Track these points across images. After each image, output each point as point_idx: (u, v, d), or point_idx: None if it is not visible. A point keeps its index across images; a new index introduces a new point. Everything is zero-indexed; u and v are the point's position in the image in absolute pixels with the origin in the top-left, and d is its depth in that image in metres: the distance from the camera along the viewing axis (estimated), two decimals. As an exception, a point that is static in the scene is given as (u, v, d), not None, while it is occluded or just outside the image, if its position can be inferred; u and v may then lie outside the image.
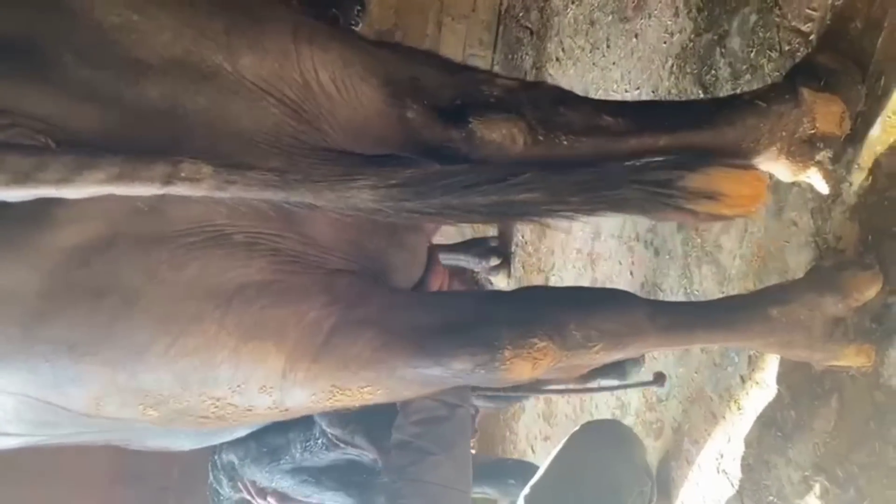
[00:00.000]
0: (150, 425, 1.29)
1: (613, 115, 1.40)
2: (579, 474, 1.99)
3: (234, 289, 1.20)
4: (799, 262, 1.75)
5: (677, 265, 2.40)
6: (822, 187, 1.54)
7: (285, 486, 2.73)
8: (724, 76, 2.09)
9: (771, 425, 1.88)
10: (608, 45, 3.01)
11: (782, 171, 1.54)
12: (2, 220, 1.06)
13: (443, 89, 1.34)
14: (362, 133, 1.36)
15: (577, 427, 2.19)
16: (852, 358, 1.50)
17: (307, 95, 1.28)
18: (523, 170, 1.20)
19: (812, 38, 1.70)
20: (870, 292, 1.47)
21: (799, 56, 1.72)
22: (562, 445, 2.12)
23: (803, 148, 1.50)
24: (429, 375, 1.28)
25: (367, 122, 1.34)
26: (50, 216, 1.08)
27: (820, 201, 1.68)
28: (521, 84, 1.41)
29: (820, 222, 1.68)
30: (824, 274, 1.53)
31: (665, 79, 2.48)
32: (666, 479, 2.67)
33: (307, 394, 1.27)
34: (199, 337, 1.18)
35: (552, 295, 1.44)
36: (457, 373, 1.28)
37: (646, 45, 2.66)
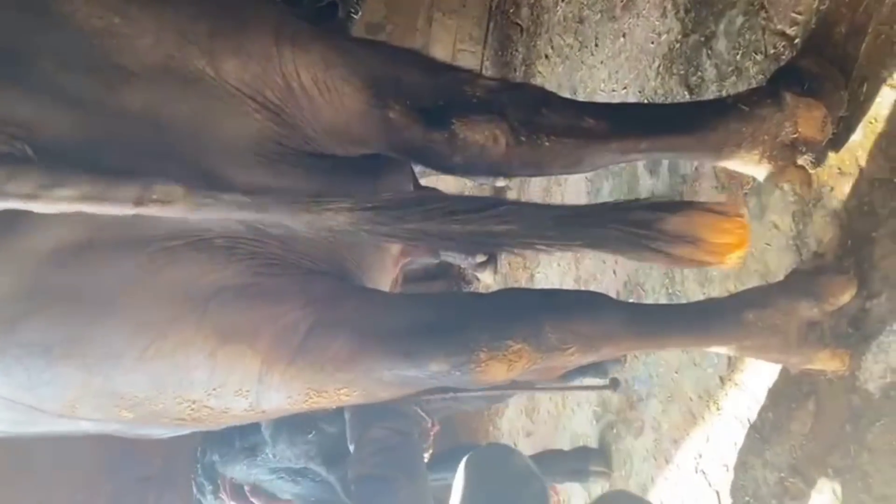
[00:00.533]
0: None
1: (596, 118, 1.40)
2: None
3: (212, 292, 1.19)
4: (780, 264, 1.76)
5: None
6: (804, 191, 1.55)
7: (263, 479, 2.74)
8: (710, 77, 2.09)
9: (749, 427, 1.90)
10: (596, 44, 3.01)
11: (764, 174, 1.54)
12: None
13: (425, 90, 1.33)
14: (345, 134, 1.35)
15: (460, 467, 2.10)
16: (827, 362, 1.51)
17: (289, 98, 1.27)
18: (502, 202, 1.20)
19: (797, 41, 1.70)
20: (844, 297, 1.47)
21: (784, 59, 1.72)
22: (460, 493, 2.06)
23: (785, 152, 1.50)
24: (405, 377, 1.28)
25: (350, 124, 1.33)
26: (28, 219, 1.06)
27: (801, 205, 1.69)
28: (503, 85, 1.40)
29: (801, 226, 1.69)
30: (801, 278, 1.53)
31: (652, 79, 2.48)
32: (607, 448, 2.84)
33: (283, 396, 1.27)
34: (175, 340, 1.17)
35: (529, 297, 1.43)
36: (433, 374, 1.27)
37: (633, 44, 2.66)
